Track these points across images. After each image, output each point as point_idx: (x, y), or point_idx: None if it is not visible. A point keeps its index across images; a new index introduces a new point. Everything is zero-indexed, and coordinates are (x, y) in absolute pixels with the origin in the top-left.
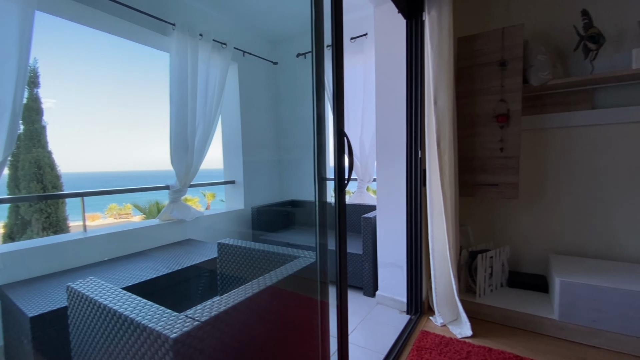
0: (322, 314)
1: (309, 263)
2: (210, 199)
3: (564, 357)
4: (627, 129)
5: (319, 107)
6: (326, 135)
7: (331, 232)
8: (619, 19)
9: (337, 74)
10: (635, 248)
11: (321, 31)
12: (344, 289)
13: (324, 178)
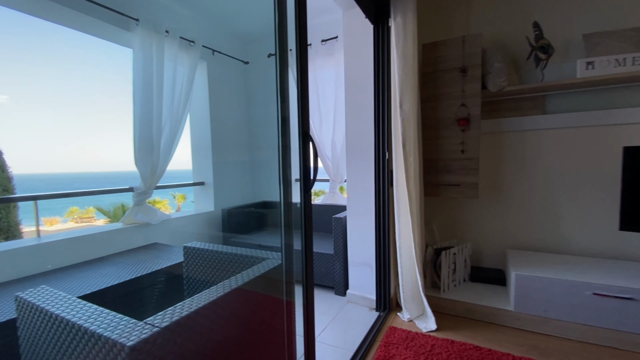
0: (288, 314)
1: (276, 264)
2: (181, 200)
3: (519, 345)
4: (575, 132)
5: (284, 109)
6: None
7: (299, 232)
8: (566, 31)
9: (301, 77)
10: (581, 242)
11: (285, 34)
12: (310, 289)
13: (289, 179)
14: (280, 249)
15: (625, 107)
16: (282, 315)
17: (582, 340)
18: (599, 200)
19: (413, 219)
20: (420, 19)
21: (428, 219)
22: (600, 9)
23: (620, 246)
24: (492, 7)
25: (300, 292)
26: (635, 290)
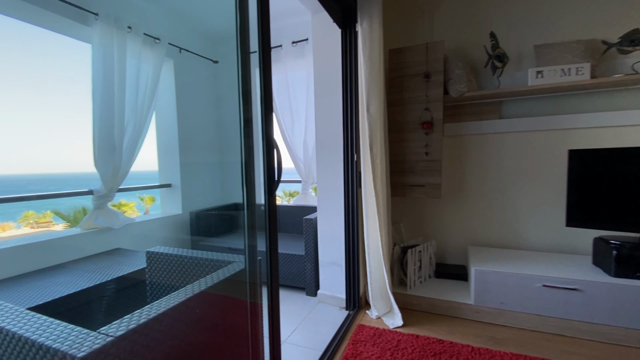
0: (253, 317)
1: (242, 267)
2: (150, 203)
3: (477, 336)
4: (528, 136)
5: (247, 110)
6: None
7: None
8: (519, 42)
9: (264, 80)
10: (534, 238)
11: (246, 35)
12: (275, 291)
13: (253, 181)
14: (245, 252)
15: (570, 113)
16: (247, 318)
17: (534, 329)
18: (549, 199)
19: (380, 218)
20: (386, 25)
21: (396, 219)
22: (549, 22)
23: (567, 241)
24: (453, 16)
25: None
26: (579, 282)
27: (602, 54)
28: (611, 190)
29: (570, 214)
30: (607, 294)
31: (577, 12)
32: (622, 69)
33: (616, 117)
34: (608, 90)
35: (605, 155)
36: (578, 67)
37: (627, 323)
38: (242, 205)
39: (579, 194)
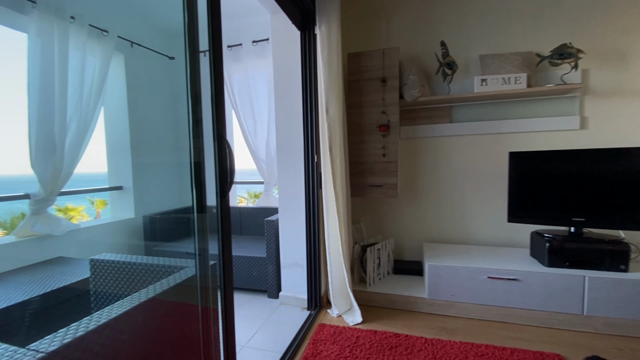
0: (205, 323)
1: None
2: (101, 207)
3: (430, 328)
4: (475, 139)
5: (196, 111)
6: (232, 140)
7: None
8: (467, 51)
9: (215, 79)
10: (481, 233)
11: (195, 33)
12: (229, 295)
13: (203, 184)
14: (195, 256)
15: (511, 118)
16: (199, 324)
17: (481, 318)
18: (493, 197)
19: (340, 218)
20: (346, 29)
21: (356, 218)
22: (493, 34)
23: (509, 235)
24: (408, 24)
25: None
26: (518, 272)
27: (536, 65)
28: (545, 188)
29: (510, 211)
30: (542, 283)
31: (516, 26)
32: (553, 80)
33: (549, 122)
34: (542, 98)
35: (539, 157)
36: (516, 76)
37: (558, 308)
38: (203, 208)
39: (518, 192)
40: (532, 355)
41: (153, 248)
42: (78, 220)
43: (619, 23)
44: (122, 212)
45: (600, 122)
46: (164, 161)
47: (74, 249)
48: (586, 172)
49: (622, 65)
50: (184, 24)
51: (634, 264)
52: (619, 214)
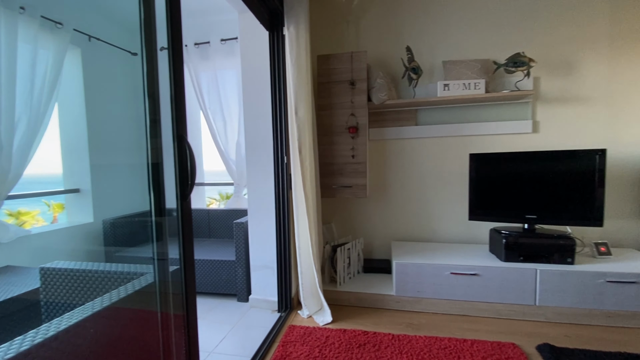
0: (165, 330)
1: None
2: (58, 211)
3: (398, 324)
4: (439, 141)
5: (154, 109)
6: (200, 141)
7: (198, 240)
8: (431, 57)
9: (175, 77)
10: (446, 231)
11: (152, 30)
12: (192, 301)
13: (162, 186)
14: (154, 261)
15: (472, 122)
16: (159, 332)
17: (444, 312)
18: (456, 197)
19: (310, 219)
20: (315, 31)
21: (327, 219)
22: (455, 41)
23: (470, 232)
24: (375, 28)
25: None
26: (478, 267)
27: (493, 72)
28: (502, 188)
29: (471, 209)
30: (499, 276)
31: (475, 34)
32: (508, 86)
33: (505, 126)
34: (499, 103)
35: (496, 158)
36: (476, 82)
37: (513, 300)
38: (168, 211)
39: (478, 192)
40: (490, 345)
41: (115, 254)
42: (32, 226)
43: (565, 35)
44: (80, 216)
45: (550, 126)
46: (126, 162)
47: (24, 257)
48: (538, 172)
49: (568, 74)
50: (140, 17)
51: (579, 257)
52: (566, 211)
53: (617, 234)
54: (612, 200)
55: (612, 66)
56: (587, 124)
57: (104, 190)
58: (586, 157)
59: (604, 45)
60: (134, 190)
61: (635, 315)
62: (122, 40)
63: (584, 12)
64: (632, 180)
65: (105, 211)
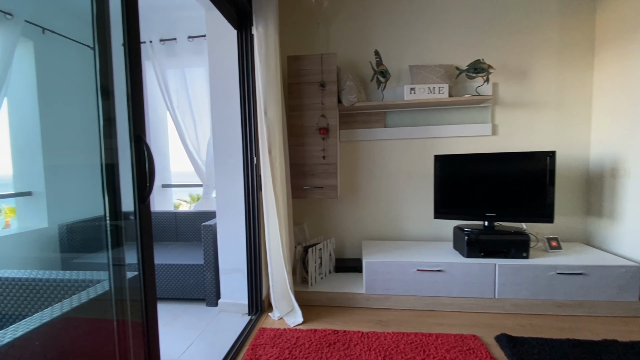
0: (122, 340)
1: (115, 285)
2: (10, 215)
3: (367, 322)
4: (406, 143)
5: (108, 107)
6: (167, 142)
7: (165, 244)
8: (398, 61)
9: (132, 74)
10: (414, 230)
11: (106, 19)
12: (152, 307)
13: (117, 188)
14: (109, 267)
15: (437, 124)
16: (115, 341)
17: (412, 308)
18: (423, 196)
19: (280, 220)
20: (285, 32)
21: (299, 219)
22: (421, 47)
23: (436, 230)
24: (345, 31)
25: (162, 309)
26: (442, 264)
27: (456, 77)
28: (464, 187)
29: (436, 208)
30: (462, 272)
31: (439, 41)
32: (470, 91)
33: (467, 129)
34: (461, 107)
35: (459, 159)
36: (440, 86)
37: (475, 293)
38: (124, 214)
39: (442, 191)
40: (453, 338)
41: (72, 261)
42: None
43: (519, 44)
44: (33, 221)
45: (508, 128)
46: (84, 163)
47: None
48: (496, 172)
49: (523, 81)
50: (92, 7)
51: (534, 251)
52: (521, 208)
53: (567, 229)
54: (562, 198)
55: (560, 73)
56: (539, 128)
57: (60, 193)
58: (538, 158)
59: (553, 54)
60: (93, 193)
61: (582, 304)
62: (80, 33)
63: (536, 22)
64: (578, 179)
65: (61, 215)
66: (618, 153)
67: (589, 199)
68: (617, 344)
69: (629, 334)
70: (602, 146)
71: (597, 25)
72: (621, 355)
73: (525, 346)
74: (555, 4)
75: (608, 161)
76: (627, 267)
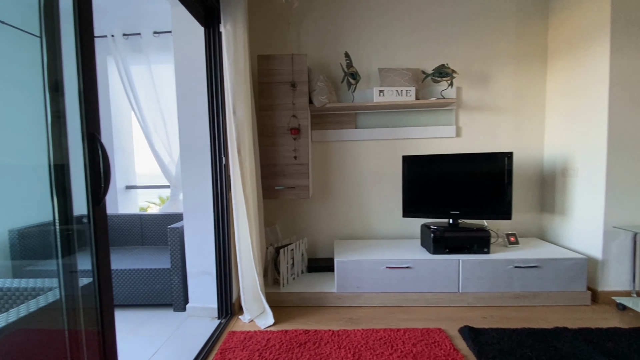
0: (75, 350)
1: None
2: None
3: (338, 320)
4: (376, 144)
5: (57, 103)
6: (132, 140)
7: (129, 248)
8: (368, 63)
9: (85, 68)
10: (384, 228)
11: (55, 7)
12: (109, 315)
13: (67, 190)
14: (59, 274)
15: (405, 126)
16: (66, 353)
17: (381, 305)
18: (392, 195)
19: (251, 222)
20: (255, 31)
21: (272, 220)
22: (389, 50)
23: (405, 228)
24: (316, 32)
25: (123, 316)
26: (410, 261)
27: (422, 81)
28: (430, 187)
29: (404, 207)
30: (428, 268)
31: (407, 45)
32: (435, 95)
33: (433, 130)
34: (428, 109)
35: (425, 160)
36: (407, 89)
37: (441, 288)
38: (76, 218)
39: (410, 191)
40: (419, 332)
41: (24, 268)
42: None
43: (481, 52)
44: None
45: (470, 131)
46: (37, 163)
47: None
48: (460, 172)
49: (484, 86)
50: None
51: (494, 247)
52: (483, 206)
53: (524, 225)
54: (519, 196)
55: (517, 80)
56: (499, 130)
57: (8, 196)
58: (497, 159)
59: (511, 61)
60: (47, 196)
61: (538, 295)
62: (24, 21)
63: (495, 32)
64: (534, 179)
65: (11, 219)
66: (568, 154)
67: (543, 197)
68: (567, 331)
69: (578, 321)
70: (554, 148)
71: (549, 37)
72: (570, 340)
73: (486, 336)
74: (512, 16)
75: (559, 162)
76: (576, 260)
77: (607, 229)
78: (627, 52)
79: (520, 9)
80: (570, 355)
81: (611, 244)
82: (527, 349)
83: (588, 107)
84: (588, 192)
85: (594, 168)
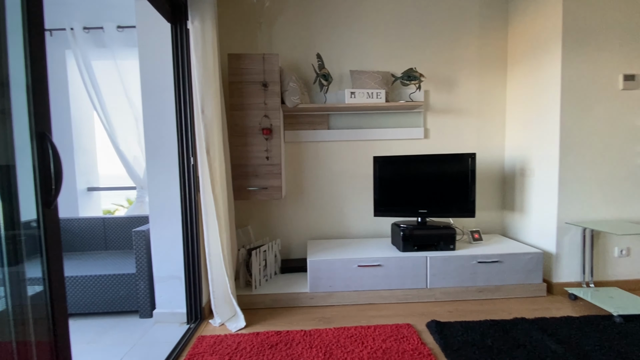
0: (22, 359)
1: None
2: None
3: (311, 320)
4: (349, 144)
5: (0, 100)
6: (94, 140)
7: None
8: (340, 65)
9: (33, 62)
10: (356, 228)
11: None
12: (62, 326)
13: (14, 192)
14: (4, 282)
15: (376, 127)
16: None
17: (354, 303)
18: (364, 195)
19: (221, 223)
20: (225, 29)
21: (244, 222)
22: (360, 53)
23: (376, 228)
24: (287, 33)
25: (82, 324)
26: (381, 259)
27: (391, 83)
28: (400, 186)
29: (375, 206)
30: (398, 265)
31: (377, 48)
32: (404, 97)
33: (403, 132)
34: (397, 112)
35: (395, 161)
36: (378, 92)
37: (410, 285)
38: (23, 223)
39: (381, 190)
40: (389, 328)
41: None
42: None
43: (447, 56)
44: None
45: (437, 133)
46: None
47: None
48: (427, 172)
49: (450, 90)
50: None
51: (459, 243)
52: (448, 205)
53: (487, 223)
54: (482, 195)
55: (480, 84)
56: (464, 132)
57: None
58: (462, 159)
59: (474, 67)
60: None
61: (499, 289)
62: None
63: (460, 38)
64: (496, 179)
65: None
66: (525, 155)
67: (504, 196)
68: (525, 321)
69: (535, 312)
70: (514, 149)
71: (509, 44)
72: (527, 329)
73: (451, 330)
74: (475, 23)
75: (518, 162)
76: (533, 254)
77: (560, 224)
78: (576, 61)
79: (483, 16)
80: (527, 344)
81: (564, 238)
82: (488, 339)
83: (542, 112)
84: (543, 191)
85: (548, 169)
